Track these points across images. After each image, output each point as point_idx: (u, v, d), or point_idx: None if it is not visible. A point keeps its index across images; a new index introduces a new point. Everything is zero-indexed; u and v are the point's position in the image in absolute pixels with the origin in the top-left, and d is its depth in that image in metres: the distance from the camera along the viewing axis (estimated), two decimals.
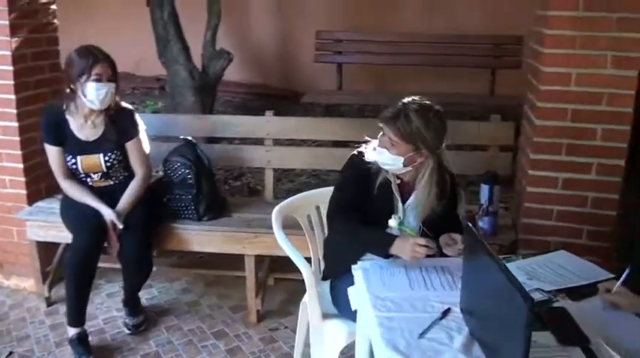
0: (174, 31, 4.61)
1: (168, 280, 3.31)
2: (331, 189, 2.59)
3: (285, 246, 2.32)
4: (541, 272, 1.87)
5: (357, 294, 1.97)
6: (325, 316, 2.21)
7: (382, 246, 1.95)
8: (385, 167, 2.05)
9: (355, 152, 2.14)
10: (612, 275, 1.82)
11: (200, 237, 2.86)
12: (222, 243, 2.86)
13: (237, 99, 6.68)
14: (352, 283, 2.02)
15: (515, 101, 5.15)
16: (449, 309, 1.67)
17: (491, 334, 1.41)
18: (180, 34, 4.68)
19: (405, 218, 2.08)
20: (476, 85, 5.72)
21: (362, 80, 6.26)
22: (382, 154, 2.02)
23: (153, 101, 6.27)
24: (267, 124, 3.14)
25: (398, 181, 2.10)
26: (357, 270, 1.97)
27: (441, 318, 1.63)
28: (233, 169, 4.59)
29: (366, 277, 1.88)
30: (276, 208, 2.42)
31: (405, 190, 2.11)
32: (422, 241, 1.90)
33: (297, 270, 3.12)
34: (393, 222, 2.04)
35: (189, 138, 2.89)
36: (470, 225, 1.59)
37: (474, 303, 1.53)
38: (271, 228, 2.76)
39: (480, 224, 2.69)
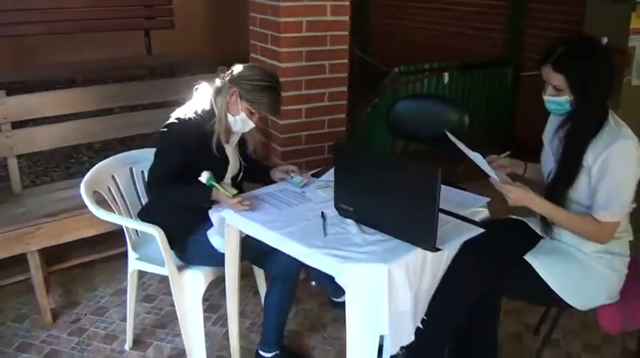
0: None
1: None
2: (122, 154, 2.59)
3: (114, 218, 2.31)
4: None
5: (218, 234, 2.19)
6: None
7: (203, 196, 2.14)
8: (241, 131, 2.27)
9: (175, 120, 2.17)
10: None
11: None
12: (2, 248, 2.52)
13: None
14: (199, 237, 2.24)
15: (171, 58, 5.57)
16: (322, 213, 2.07)
17: (385, 213, 1.89)
18: None
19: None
20: (132, 48, 5.84)
21: (8, 56, 5.62)
22: (248, 122, 2.22)
23: None
24: (2, 107, 2.77)
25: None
26: (214, 214, 2.17)
27: (325, 220, 2.02)
28: None
29: (237, 212, 2.10)
30: (83, 185, 2.32)
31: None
32: (234, 201, 2.10)
33: (70, 258, 2.98)
34: (203, 178, 2.17)
35: None
36: (338, 144, 2.00)
37: (359, 198, 1.96)
38: (50, 215, 2.63)
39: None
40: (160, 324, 2.74)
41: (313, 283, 3.02)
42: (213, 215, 2.18)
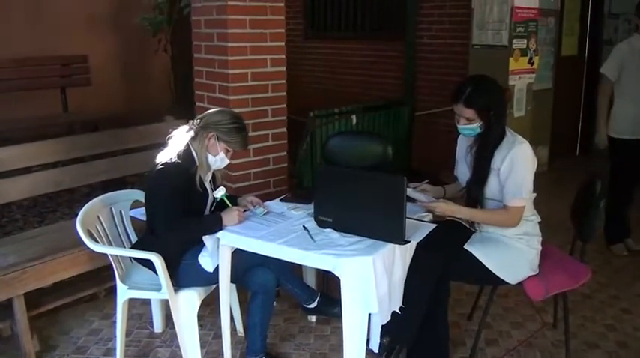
0: None
1: None
2: (103, 196, 2.84)
3: (112, 250, 2.58)
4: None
5: (212, 256, 2.53)
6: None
7: (217, 225, 2.51)
8: (219, 167, 2.65)
9: (162, 165, 2.50)
10: None
11: None
12: None
13: None
14: (188, 261, 2.57)
15: (88, 115, 5.74)
16: (304, 226, 2.48)
17: (360, 219, 2.33)
18: None
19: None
20: (47, 105, 5.91)
21: None
22: (225, 159, 2.62)
23: None
24: None
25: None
26: (208, 239, 2.51)
27: (309, 232, 2.42)
28: None
29: (232, 231, 2.45)
30: (79, 224, 2.55)
31: None
32: (241, 209, 2.59)
33: (52, 300, 3.06)
34: (219, 194, 2.63)
35: None
36: (323, 165, 2.43)
37: (336, 210, 2.39)
38: (34, 259, 2.77)
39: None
40: (142, 354, 2.93)
41: (274, 303, 3.38)
42: (207, 239, 2.51)
